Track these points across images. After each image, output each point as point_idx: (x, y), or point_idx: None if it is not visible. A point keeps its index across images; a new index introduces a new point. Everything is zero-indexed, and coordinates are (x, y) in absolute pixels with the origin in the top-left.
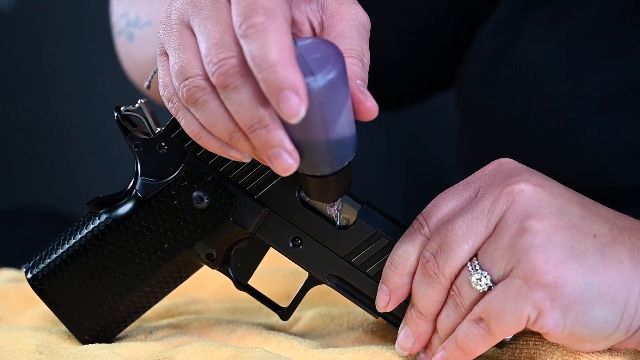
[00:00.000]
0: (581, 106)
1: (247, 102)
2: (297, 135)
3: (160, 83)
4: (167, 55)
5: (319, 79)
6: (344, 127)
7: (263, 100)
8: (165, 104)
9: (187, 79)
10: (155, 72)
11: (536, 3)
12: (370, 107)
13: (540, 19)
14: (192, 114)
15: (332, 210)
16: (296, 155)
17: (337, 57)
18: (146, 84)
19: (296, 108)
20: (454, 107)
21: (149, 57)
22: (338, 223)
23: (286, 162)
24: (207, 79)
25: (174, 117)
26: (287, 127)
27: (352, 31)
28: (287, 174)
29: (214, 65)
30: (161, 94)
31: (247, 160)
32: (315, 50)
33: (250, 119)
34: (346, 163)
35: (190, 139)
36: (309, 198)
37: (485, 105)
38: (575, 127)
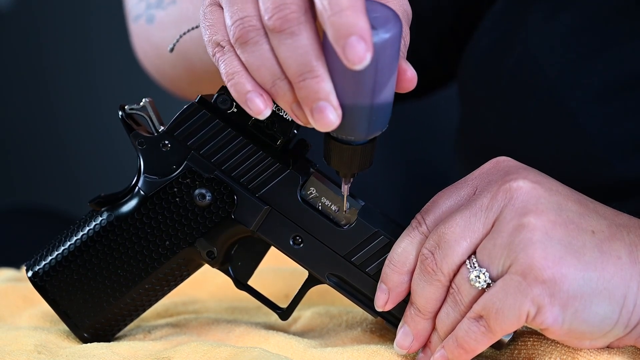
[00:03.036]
0: (582, 96)
1: (302, 49)
2: (343, 94)
3: (205, 25)
4: (218, 5)
5: (380, 33)
6: (389, 92)
7: (318, 50)
8: (207, 47)
9: (242, 18)
10: (181, 36)
11: None
12: (411, 76)
13: (542, 9)
14: (235, 54)
15: (345, 189)
16: (340, 111)
17: (395, 19)
18: (170, 46)
19: (362, 54)
20: (453, 106)
21: (170, 39)
22: (345, 208)
23: (329, 117)
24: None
25: (177, 116)
26: (334, 85)
27: None
28: (327, 130)
29: (272, 9)
30: (205, 35)
31: (262, 117)
32: (376, 10)
33: (302, 67)
34: (379, 132)
35: (194, 137)
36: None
37: (486, 95)
38: (576, 117)
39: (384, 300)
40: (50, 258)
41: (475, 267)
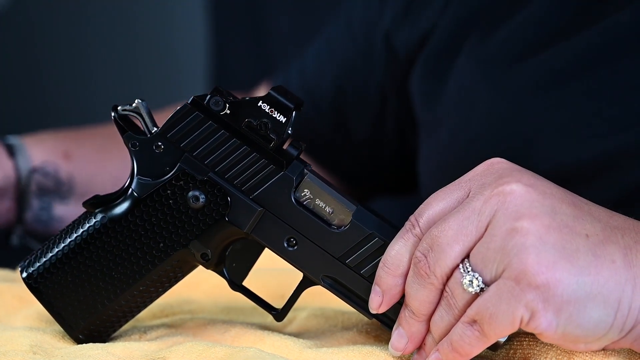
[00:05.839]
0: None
1: None
2: None
3: None
4: None
5: None
6: None
7: None
8: None
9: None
10: None
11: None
12: None
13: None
14: None
15: None
16: None
17: None
18: None
19: None
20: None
21: None
22: None
23: None
24: None
25: (170, 117)
26: None
27: None
28: None
29: None
30: None
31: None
32: None
33: None
34: None
35: (187, 138)
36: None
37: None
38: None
39: (378, 303)
40: (44, 260)
41: (468, 271)
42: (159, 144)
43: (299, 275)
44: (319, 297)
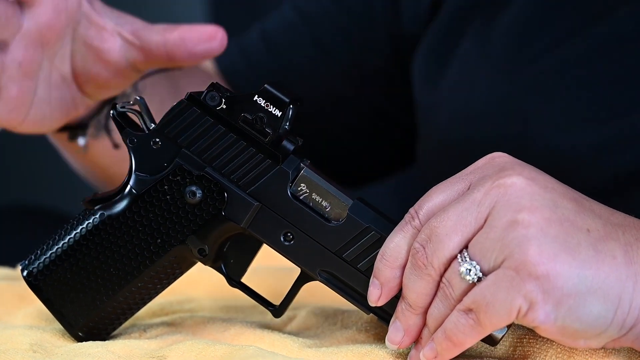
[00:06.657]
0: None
1: None
2: None
3: None
4: None
5: None
6: None
7: None
8: None
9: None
10: None
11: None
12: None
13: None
14: None
15: None
16: None
17: None
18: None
19: None
20: None
21: None
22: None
23: None
24: None
25: (167, 113)
26: None
27: None
28: None
29: None
30: None
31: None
32: None
33: None
34: None
35: (184, 134)
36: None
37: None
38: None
39: (376, 296)
40: (44, 257)
41: (466, 260)
42: (157, 140)
43: (298, 274)
44: (319, 296)
